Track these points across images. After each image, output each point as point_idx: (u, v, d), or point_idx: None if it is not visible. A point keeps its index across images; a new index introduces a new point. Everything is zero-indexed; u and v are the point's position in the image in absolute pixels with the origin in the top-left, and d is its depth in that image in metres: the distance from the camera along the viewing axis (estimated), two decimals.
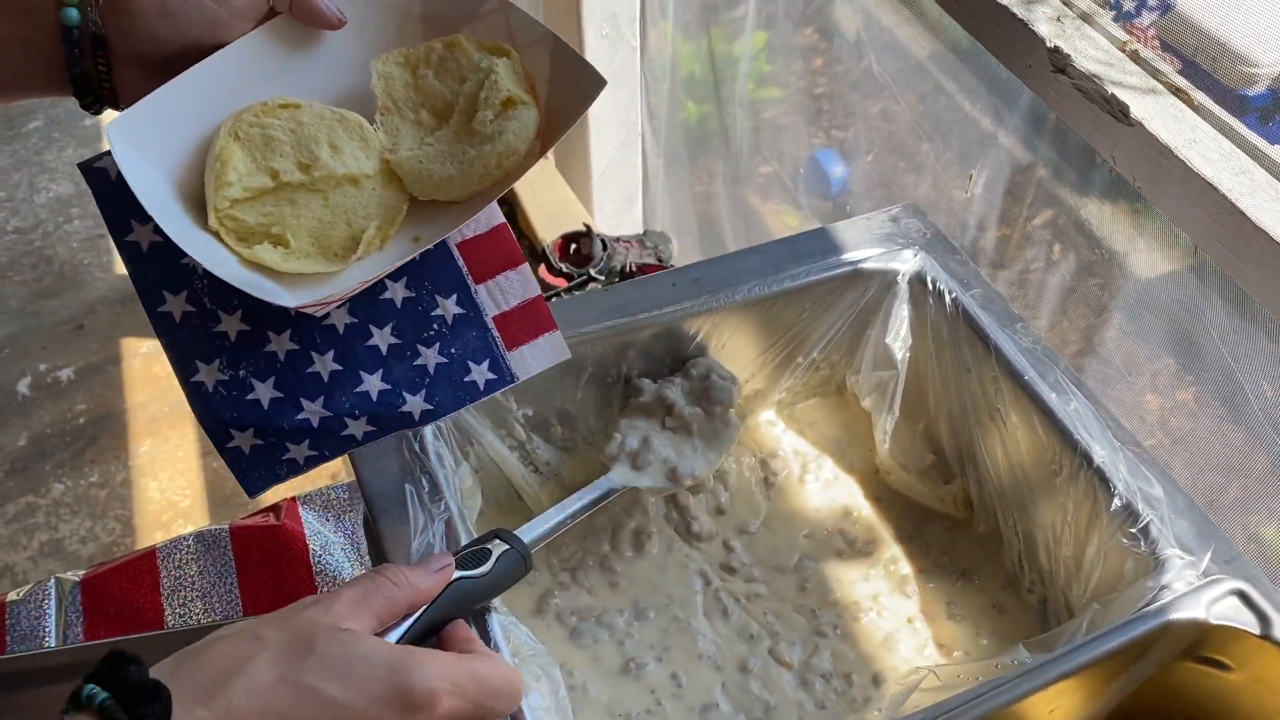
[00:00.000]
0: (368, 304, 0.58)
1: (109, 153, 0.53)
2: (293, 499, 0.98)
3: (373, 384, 0.58)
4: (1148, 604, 0.61)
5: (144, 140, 0.52)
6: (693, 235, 1.89)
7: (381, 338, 0.58)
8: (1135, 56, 0.82)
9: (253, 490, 0.58)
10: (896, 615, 0.75)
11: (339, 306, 0.57)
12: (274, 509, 0.98)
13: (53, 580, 0.92)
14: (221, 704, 0.41)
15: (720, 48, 1.73)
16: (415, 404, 0.58)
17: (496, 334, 0.60)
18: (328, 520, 0.95)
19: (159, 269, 0.56)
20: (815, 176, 1.60)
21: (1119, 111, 0.77)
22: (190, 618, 0.90)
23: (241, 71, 0.54)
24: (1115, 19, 1.26)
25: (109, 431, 2.01)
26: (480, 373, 0.60)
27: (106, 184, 0.55)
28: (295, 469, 0.58)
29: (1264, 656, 0.60)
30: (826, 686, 0.69)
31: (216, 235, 0.52)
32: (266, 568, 0.91)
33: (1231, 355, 0.82)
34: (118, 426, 2.02)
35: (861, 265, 0.80)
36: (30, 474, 1.95)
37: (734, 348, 0.80)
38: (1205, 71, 1.04)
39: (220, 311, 0.56)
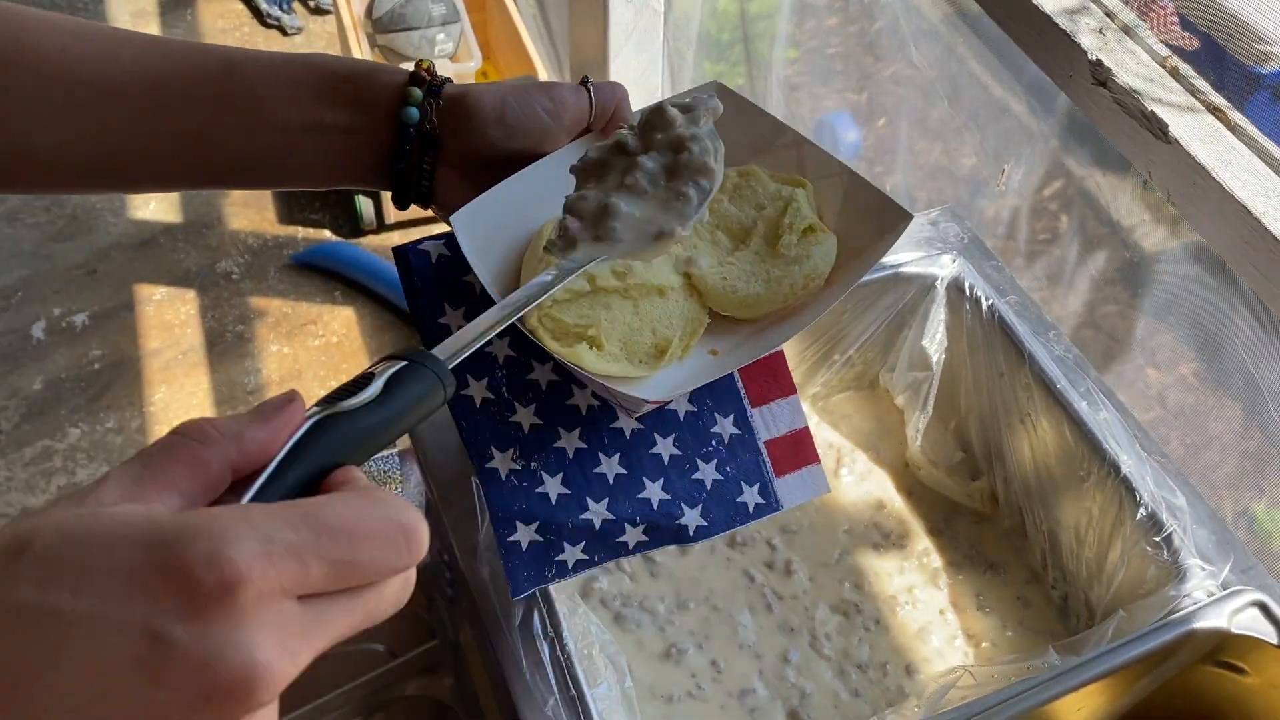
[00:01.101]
0: (653, 414, 0.60)
1: (429, 239, 0.57)
2: None
3: (654, 492, 0.59)
4: (1171, 612, 0.65)
5: (477, 232, 0.53)
6: None
7: (664, 447, 0.60)
8: (1175, 73, 0.84)
9: (517, 590, 0.58)
10: (929, 607, 0.79)
11: (628, 414, 0.59)
12: None
13: None
14: None
15: (741, 7, 1.74)
16: (692, 518, 0.59)
17: (768, 459, 0.62)
18: None
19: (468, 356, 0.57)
20: (828, 139, 1.61)
21: (1158, 129, 0.80)
22: None
23: (560, 179, 0.55)
24: None
25: (123, 378, 2.03)
26: (750, 495, 0.61)
27: (426, 265, 0.57)
28: (563, 572, 0.59)
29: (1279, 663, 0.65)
30: (862, 676, 0.74)
31: (533, 334, 0.54)
32: None
33: (1253, 363, 0.85)
34: (132, 373, 2.04)
35: (901, 269, 0.82)
36: (46, 418, 1.97)
37: None
38: (1220, 47, 1.05)
39: (516, 403, 0.58)
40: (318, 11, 2.73)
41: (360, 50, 2.11)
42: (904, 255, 0.83)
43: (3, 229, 2.25)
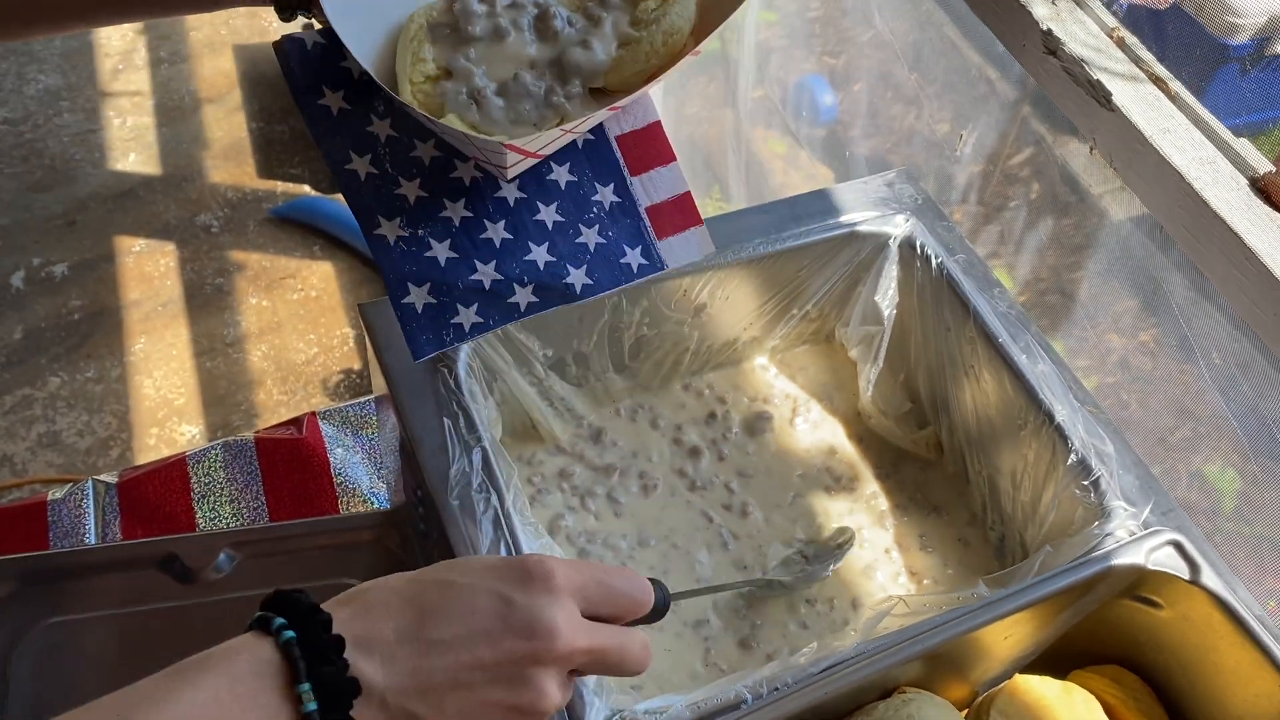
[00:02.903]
0: (535, 183, 0.64)
1: (306, 30, 0.60)
2: (313, 414, 1.05)
3: (540, 255, 0.63)
4: (1094, 549, 0.70)
5: (350, 13, 0.57)
6: (683, 158, 1.94)
7: (547, 214, 0.64)
8: (1121, 43, 0.88)
9: (419, 352, 0.62)
10: (875, 546, 0.84)
11: (509, 181, 0.63)
12: (295, 422, 1.04)
13: (90, 482, 0.99)
14: (360, 599, 0.46)
15: None
16: (577, 277, 0.63)
17: (649, 223, 0.65)
18: (346, 434, 1.02)
19: (347, 131, 0.61)
20: (805, 103, 1.64)
21: (1102, 97, 0.84)
22: (219, 520, 0.97)
23: None
24: None
25: (103, 328, 2.06)
26: (634, 257, 0.65)
27: (303, 52, 0.60)
28: (460, 335, 0.62)
29: (1191, 598, 0.70)
30: (810, 610, 0.78)
31: (413, 105, 0.58)
32: (290, 477, 0.98)
33: (1186, 321, 0.90)
34: (112, 323, 2.06)
35: (857, 228, 0.86)
36: (27, 366, 1.99)
37: (736, 299, 0.87)
38: (1190, 17, 1.08)
39: (400, 177, 0.62)
40: None
41: None
42: (860, 214, 0.87)
43: None
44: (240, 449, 1.00)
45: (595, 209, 0.65)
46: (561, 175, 0.65)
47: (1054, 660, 0.75)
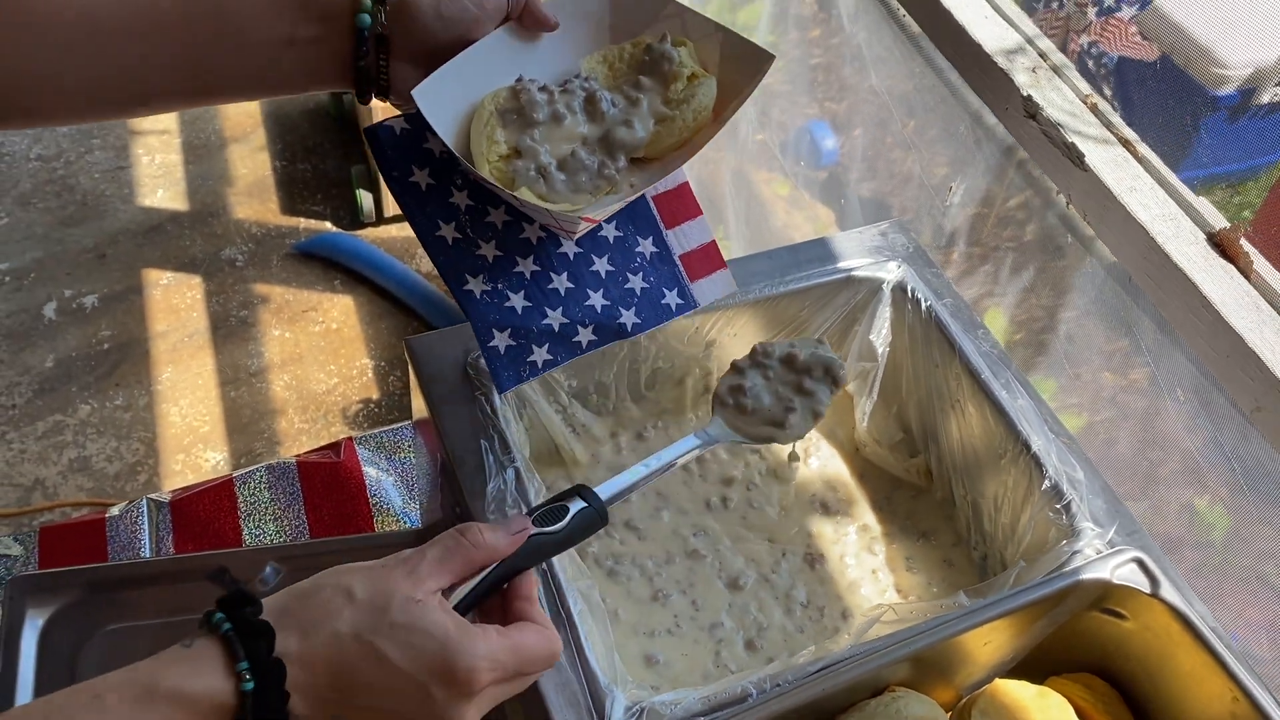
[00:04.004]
0: (589, 239, 0.75)
1: (393, 118, 0.71)
2: (350, 439, 1.13)
3: (597, 300, 0.74)
4: (1064, 565, 0.78)
5: (434, 103, 0.67)
6: None
7: (600, 265, 0.75)
8: (1095, 109, 0.97)
9: (503, 386, 0.72)
10: (864, 567, 0.92)
11: (569, 239, 0.74)
12: (333, 447, 1.12)
13: (144, 501, 1.07)
14: (307, 646, 0.49)
15: (726, 16, 1.85)
16: (628, 317, 0.74)
17: (683, 269, 0.77)
18: (380, 458, 1.10)
19: (434, 203, 0.72)
20: (807, 146, 1.72)
21: (1076, 157, 0.93)
22: (264, 537, 1.05)
23: (492, 59, 0.70)
24: (1097, 13, 1.39)
25: (131, 358, 2.14)
26: (672, 298, 0.76)
27: (393, 138, 0.71)
28: (534, 370, 0.72)
29: (1152, 610, 0.77)
30: (804, 613, 0.87)
31: (488, 180, 0.67)
32: (330, 497, 1.06)
33: (1154, 361, 0.98)
34: (140, 353, 2.15)
35: (853, 273, 0.95)
36: (58, 394, 2.07)
37: (743, 335, 0.95)
38: (1178, 69, 1.16)
39: (480, 240, 0.72)
40: None
41: None
42: (856, 261, 0.96)
43: (16, 213, 2.35)
44: (283, 471, 1.08)
45: (639, 259, 0.76)
46: (610, 231, 0.76)
47: (1031, 667, 0.83)
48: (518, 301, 0.72)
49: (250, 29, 0.65)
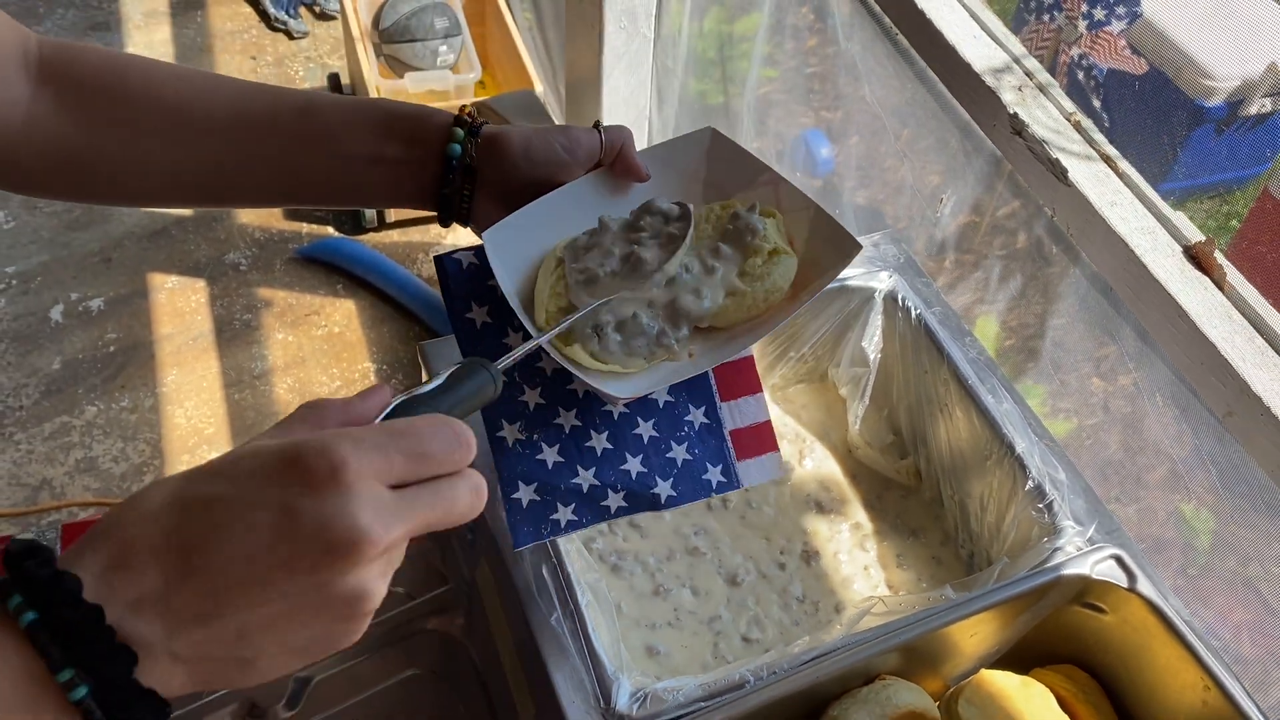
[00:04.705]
0: (639, 401, 0.71)
1: (461, 249, 0.70)
2: None
3: (634, 465, 0.70)
4: (1046, 561, 0.82)
5: (503, 247, 0.66)
6: None
7: (645, 429, 0.71)
8: (1078, 126, 1.01)
9: (519, 542, 0.68)
10: (856, 564, 0.96)
11: (622, 401, 0.69)
12: None
13: None
14: (112, 540, 0.38)
15: (724, 28, 1.89)
16: (663, 489, 0.70)
17: (731, 445, 0.73)
18: None
19: (486, 342, 0.70)
20: (803, 155, 1.75)
21: (1060, 173, 0.97)
22: None
23: (573, 206, 0.68)
24: (1088, 26, 1.43)
25: (137, 360, 2.17)
26: (714, 474, 0.72)
27: (459, 271, 0.70)
28: (556, 529, 0.69)
29: (1129, 604, 0.82)
30: (799, 607, 0.91)
31: (541, 331, 0.65)
32: None
33: (1136, 367, 1.03)
34: (145, 356, 2.18)
35: (847, 282, 0.99)
36: (65, 396, 2.11)
37: None
38: (1167, 80, 1.19)
39: (525, 385, 0.70)
40: (323, 17, 2.88)
41: (367, 58, 2.26)
42: (849, 271, 0.99)
43: (23, 216, 2.38)
44: None
45: (686, 428, 0.72)
46: (661, 396, 0.72)
47: (1016, 660, 0.87)
48: (550, 455, 0.69)
49: (339, 140, 0.66)
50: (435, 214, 0.69)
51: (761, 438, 0.73)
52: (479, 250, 0.69)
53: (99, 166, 0.65)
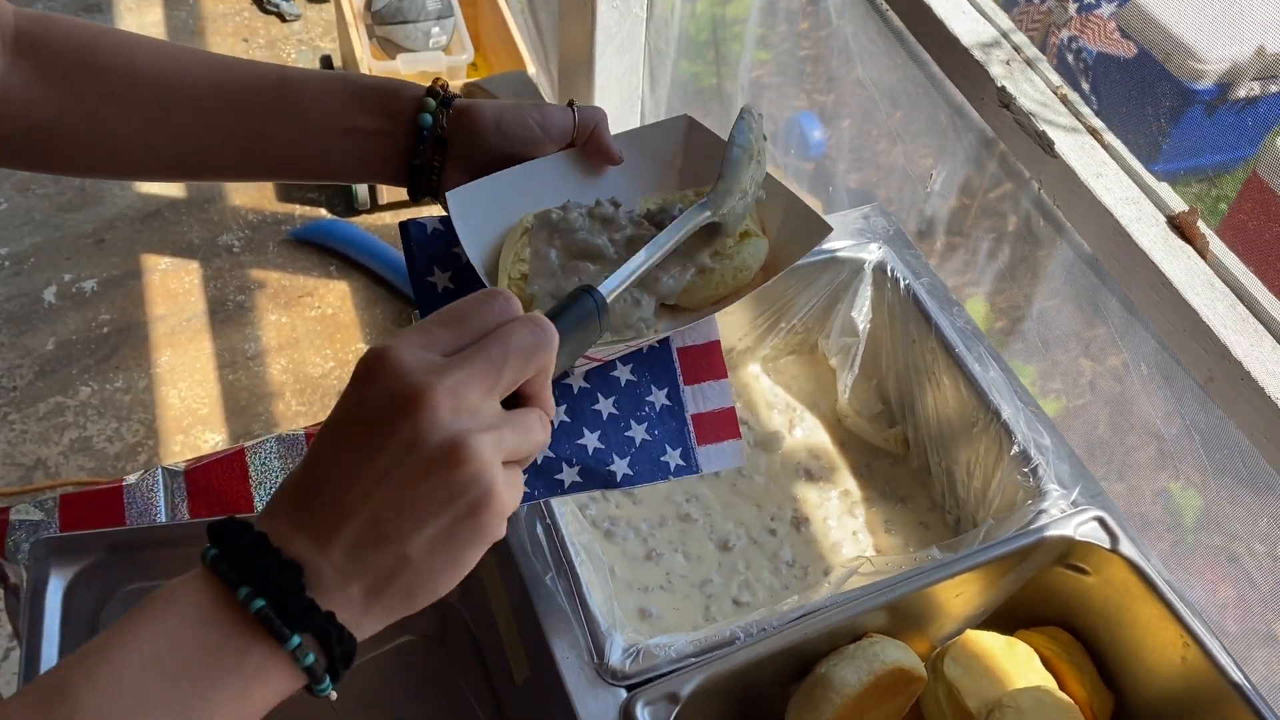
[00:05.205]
0: (600, 376, 0.69)
1: (429, 216, 0.69)
2: None
3: (591, 441, 0.68)
4: (1030, 522, 0.83)
5: (467, 210, 0.66)
6: None
7: (604, 406, 0.69)
8: (1065, 99, 1.02)
9: None
10: (845, 529, 0.97)
11: (577, 370, 0.69)
12: None
13: (159, 469, 1.12)
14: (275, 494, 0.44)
15: (717, 10, 1.90)
16: (620, 466, 0.68)
17: (692, 429, 0.71)
18: None
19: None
20: (795, 138, 1.77)
21: (1047, 145, 0.98)
22: None
23: (544, 181, 0.68)
24: (1078, 9, 1.45)
25: (130, 341, 2.18)
26: (673, 457, 0.70)
27: (422, 235, 0.69)
28: None
29: (1111, 564, 0.83)
30: (789, 571, 0.92)
31: None
32: None
33: (1120, 337, 1.04)
34: (139, 337, 2.19)
35: (837, 254, 1.00)
36: (59, 376, 2.12)
37: (733, 313, 1.00)
38: (1156, 63, 1.21)
39: None
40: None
41: (359, 39, 2.26)
42: (840, 242, 1.02)
43: (15, 198, 2.38)
44: (293, 442, 1.13)
45: (647, 408, 0.70)
46: (624, 374, 0.71)
47: (1000, 622, 0.89)
48: None
49: (310, 112, 0.66)
50: (406, 189, 0.69)
51: (724, 424, 0.72)
52: (445, 219, 0.69)
53: (74, 138, 0.65)
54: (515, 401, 0.47)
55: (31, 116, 0.63)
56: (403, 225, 0.69)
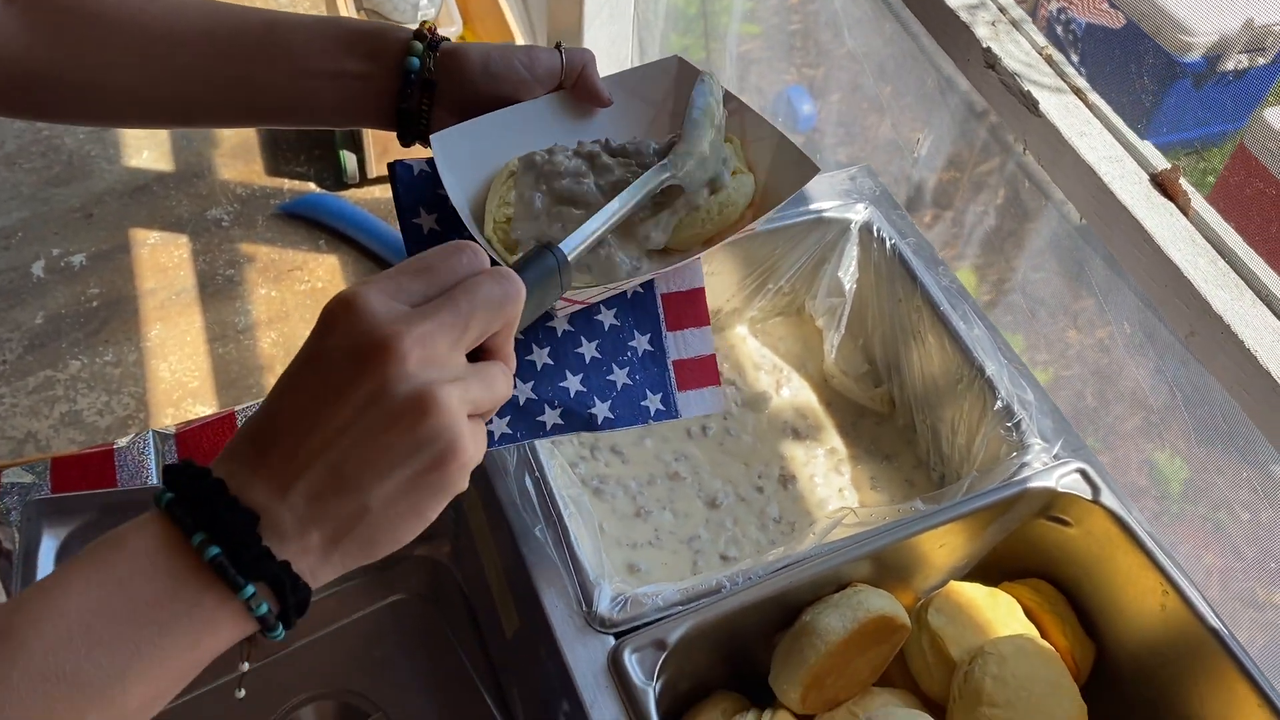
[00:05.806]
0: (584, 320, 0.70)
1: (416, 159, 0.69)
2: None
3: (573, 384, 0.69)
4: (1014, 475, 0.84)
5: (453, 153, 0.66)
6: None
7: (587, 349, 0.70)
8: (1050, 60, 1.03)
9: None
10: (831, 486, 0.98)
11: (561, 314, 0.69)
12: None
13: (150, 432, 1.12)
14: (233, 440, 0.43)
15: None
16: (601, 410, 0.69)
17: (673, 375, 0.72)
18: None
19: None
20: (785, 111, 1.77)
21: (1031, 105, 0.99)
22: None
23: (531, 124, 0.67)
24: None
25: (120, 315, 2.18)
26: (653, 402, 0.71)
27: (410, 176, 0.69)
28: (490, 441, 0.65)
29: (1093, 515, 0.84)
30: (776, 527, 0.93)
31: (489, 242, 0.64)
32: None
33: (1103, 295, 1.05)
34: (128, 310, 2.19)
35: (824, 214, 1.01)
36: (48, 350, 2.11)
37: (721, 275, 1.01)
38: (1145, 35, 1.21)
39: None
40: None
41: (347, 11, 2.26)
42: (826, 203, 1.02)
43: (2, 173, 2.37)
44: None
45: (630, 353, 0.71)
46: (607, 318, 0.71)
47: (984, 573, 0.90)
48: None
49: (299, 56, 0.66)
50: (396, 133, 0.69)
51: (705, 370, 0.73)
52: (433, 162, 0.68)
53: (66, 85, 0.65)
54: (477, 355, 0.47)
55: (23, 63, 0.64)
56: (390, 166, 0.69)
